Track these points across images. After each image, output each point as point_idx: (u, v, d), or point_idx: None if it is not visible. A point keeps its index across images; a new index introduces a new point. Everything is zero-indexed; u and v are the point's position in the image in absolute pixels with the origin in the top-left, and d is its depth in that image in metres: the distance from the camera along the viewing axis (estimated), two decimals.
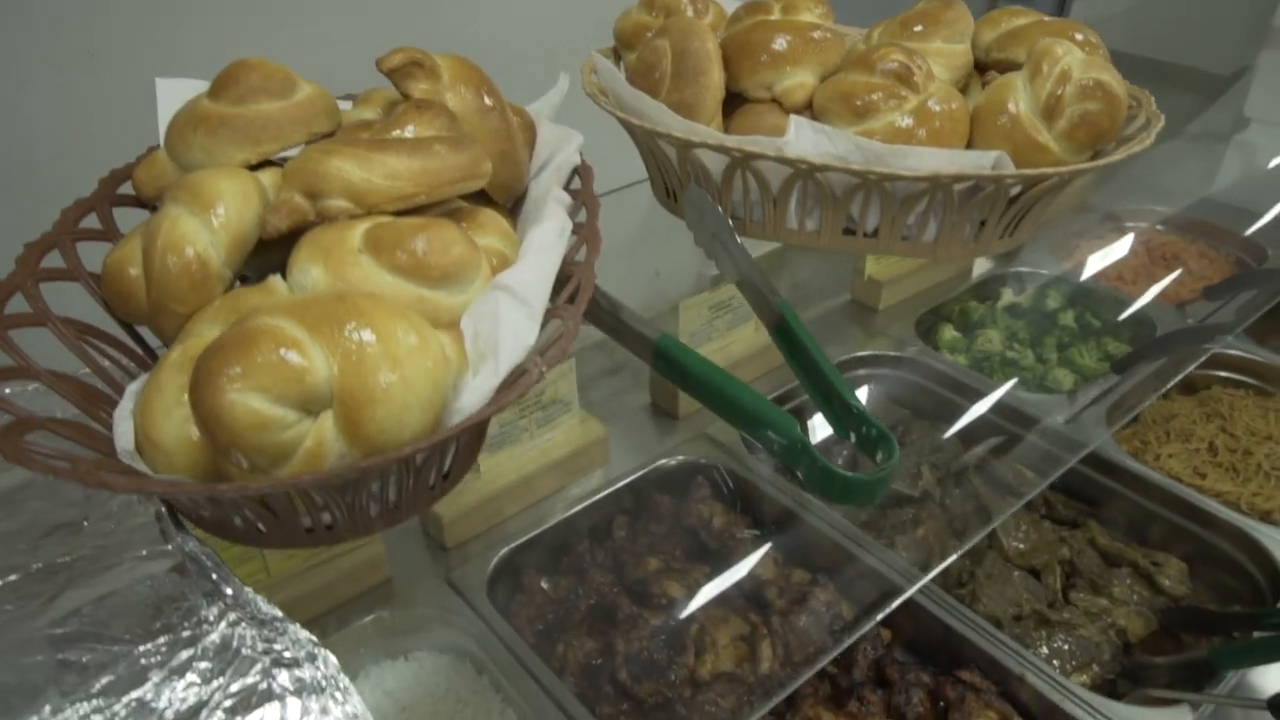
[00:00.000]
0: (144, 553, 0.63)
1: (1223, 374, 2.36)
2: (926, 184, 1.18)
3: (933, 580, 1.75)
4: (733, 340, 2.19)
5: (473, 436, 0.80)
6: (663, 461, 2.00)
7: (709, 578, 1.81)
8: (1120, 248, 2.91)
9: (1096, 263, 2.87)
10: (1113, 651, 1.71)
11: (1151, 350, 2.03)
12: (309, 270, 0.65)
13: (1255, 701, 1.41)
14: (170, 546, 0.64)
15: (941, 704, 1.58)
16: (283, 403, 0.57)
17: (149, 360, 0.80)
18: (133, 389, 0.71)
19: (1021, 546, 1.91)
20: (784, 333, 1.04)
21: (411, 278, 0.66)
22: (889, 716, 1.56)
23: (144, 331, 0.91)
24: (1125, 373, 2.15)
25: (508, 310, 0.66)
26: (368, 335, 0.57)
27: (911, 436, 2.15)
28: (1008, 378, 2.30)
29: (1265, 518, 1.92)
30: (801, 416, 1.00)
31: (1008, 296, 2.60)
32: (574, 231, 0.89)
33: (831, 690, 1.62)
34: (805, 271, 2.79)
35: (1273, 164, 2.99)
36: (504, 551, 1.78)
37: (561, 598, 1.77)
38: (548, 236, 0.76)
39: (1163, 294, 2.71)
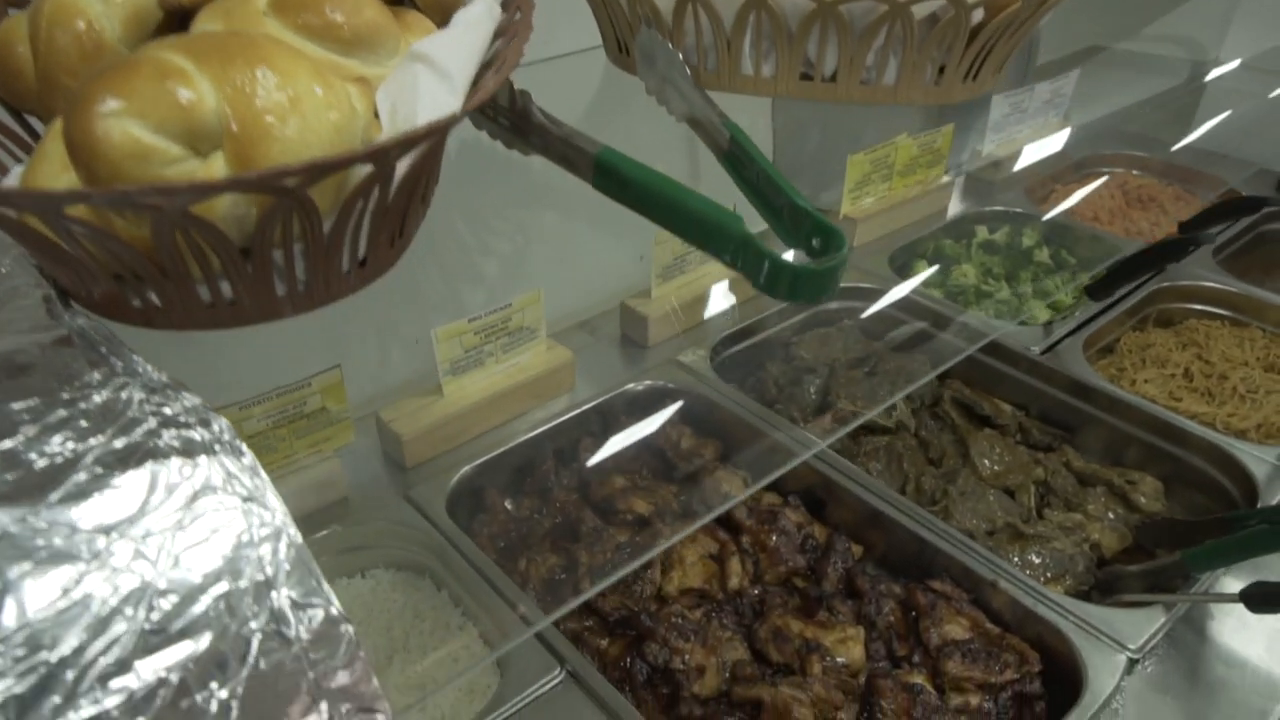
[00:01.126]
0: (27, 326, 0.58)
1: (1198, 307, 2.34)
2: (885, 8, 1.12)
3: (907, 499, 1.72)
4: (708, 270, 2.15)
5: (383, 217, 0.70)
6: (630, 386, 1.96)
7: (677, 498, 1.77)
8: (1096, 189, 2.89)
9: (1072, 204, 2.85)
10: (1086, 565, 1.68)
11: (1133, 266, 1.99)
12: (207, 29, 0.61)
13: (1228, 596, 1.38)
14: (58, 324, 0.59)
15: (913, 614, 1.54)
16: (165, 133, 0.52)
17: (34, 146, 0.75)
18: (17, 170, 0.66)
19: (996, 468, 1.88)
20: (734, 156, 1.00)
21: (320, 40, 0.61)
22: (860, 626, 1.52)
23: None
24: (1105, 294, 2.12)
25: (427, 80, 0.61)
26: (262, 72, 0.52)
27: (885, 367, 2.11)
28: (983, 311, 2.27)
29: (1240, 436, 1.90)
30: None
31: (982, 234, 2.58)
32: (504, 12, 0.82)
33: (801, 603, 1.58)
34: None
35: (1248, 108, 2.98)
36: (466, 470, 1.73)
37: (525, 517, 1.72)
38: (473, 13, 0.71)
39: (1139, 234, 2.69)
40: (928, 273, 2.45)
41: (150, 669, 0.49)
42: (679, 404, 1.96)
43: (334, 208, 0.60)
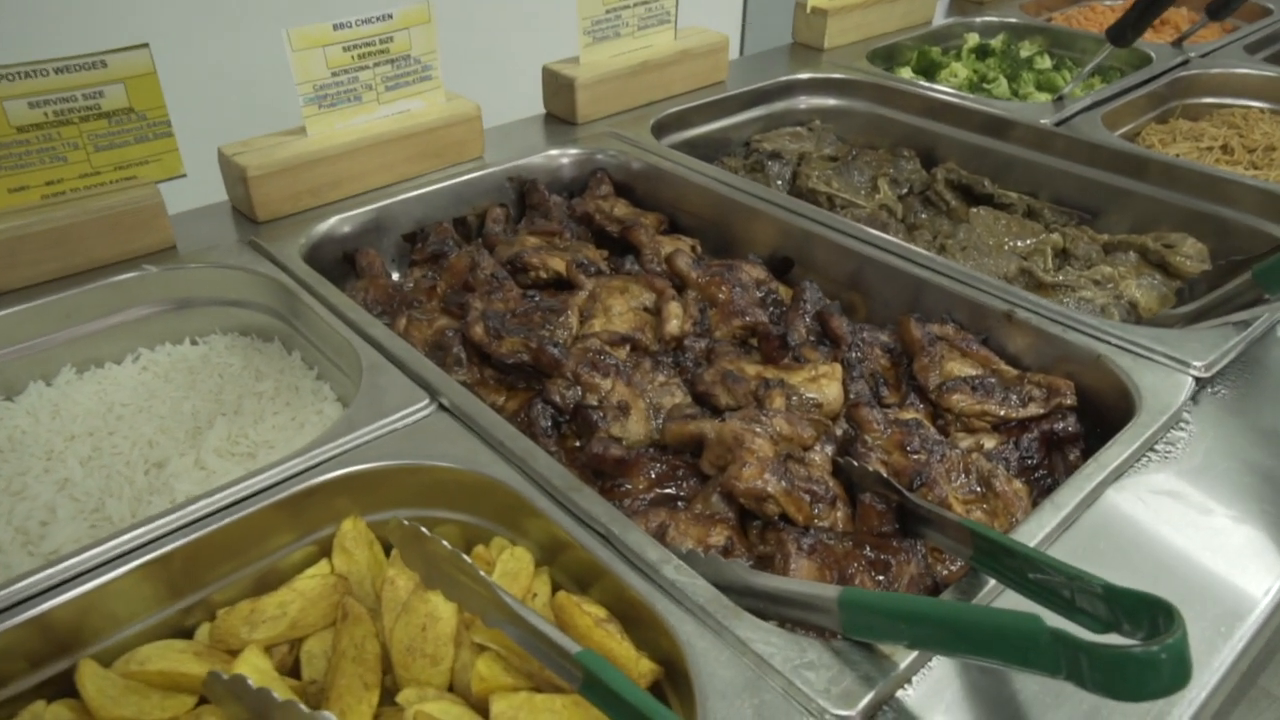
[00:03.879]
0: None
1: (1230, 101, 2.00)
2: None
3: (895, 240, 1.35)
4: (648, 43, 1.80)
5: None
6: (554, 152, 1.60)
7: (608, 260, 1.40)
8: (1102, 9, 2.56)
9: (1077, 17, 2.52)
10: (1123, 319, 1.32)
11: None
12: None
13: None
14: None
15: (906, 361, 1.18)
16: None
17: None
18: None
19: (1004, 238, 1.53)
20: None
21: None
22: (836, 364, 1.16)
23: None
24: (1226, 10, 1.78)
25: None
26: None
27: (861, 162, 1.76)
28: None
29: None
30: None
31: (973, 40, 2.24)
32: None
33: (763, 358, 1.22)
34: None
35: None
36: (334, 222, 1.36)
37: (412, 283, 1.36)
38: None
39: (1155, 37, 2.35)
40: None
41: None
42: (613, 173, 1.60)
43: None
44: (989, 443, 1.06)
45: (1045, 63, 2.15)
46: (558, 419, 1.07)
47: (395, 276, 1.42)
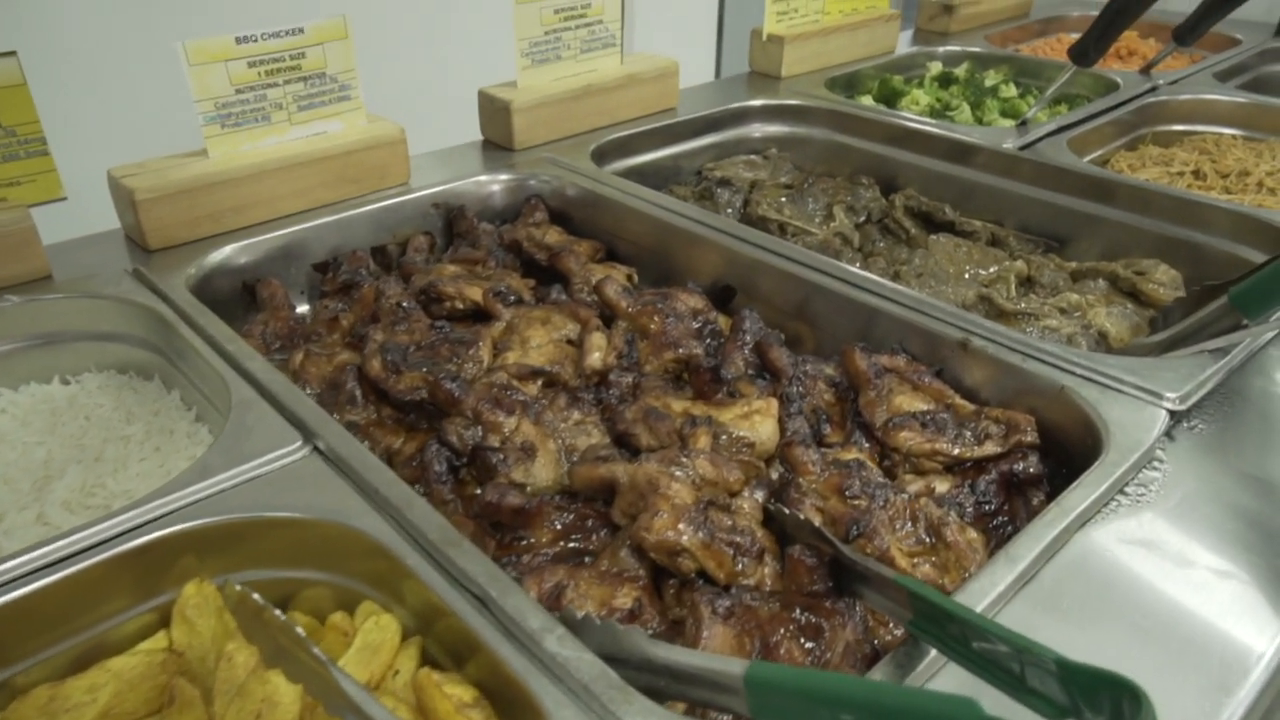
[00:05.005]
0: None
1: (1202, 128, 1.93)
2: None
3: (846, 265, 1.25)
4: (592, 67, 1.72)
5: None
6: (483, 178, 1.50)
7: (533, 290, 1.29)
8: (1070, 40, 2.51)
9: (1043, 48, 2.47)
10: (1091, 349, 1.22)
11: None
12: None
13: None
14: None
15: (852, 396, 1.07)
16: None
17: None
18: None
19: (964, 265, 1.43)
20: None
21: None
22: (773, 400, 1.04)
23: None
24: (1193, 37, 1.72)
25: None
26: None
27: (817, 190, 1.67)
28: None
29: None
30: None
31: (936, 68, 2.17)
32: None
33: (695, 394, 1.10)
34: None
35: None
36: (230, 251, 1.25)
37: (315, 315, 1.24)
38: None
39: (1123, 66, 2.30)
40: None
41: None
42: (548, 200, 1.50)
43: None
44: (941, 486, 0.94)
45: (1010, 90, 2.08)
46: (454, 463, 0.94)
47: (305, 309, 1.31)
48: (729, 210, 1.64)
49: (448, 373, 1.01)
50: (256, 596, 0.66)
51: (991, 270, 1.40)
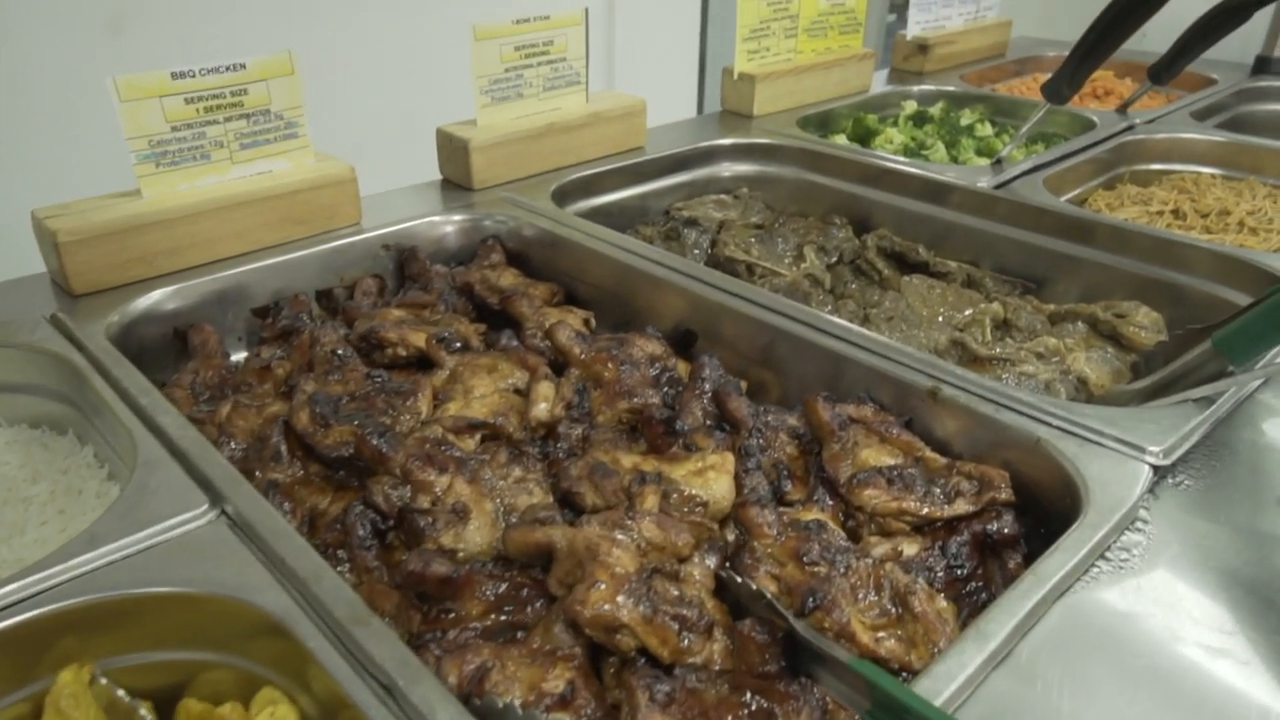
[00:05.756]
0: None
1: (1180, 167, 1.90)
2: None
3: (813, 310, 1.18)
4: (556, 105, 1.67)
5: None
6: (436, 219, 1.44)
7: (483, 336, 1.23)
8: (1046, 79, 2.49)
9: (1019, 88, 2.44)
10: (1070, 399, 1.15)
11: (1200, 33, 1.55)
12: None
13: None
14: None
15: (816, 449, 1.00)
16: None
17: None
18: None
19: (938, 307, 1.37)
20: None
21: None
22: (729, 454, 0.97)
23: None
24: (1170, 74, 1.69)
25: None
26: None
27: (787, 230, 1.61)
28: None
29: None
30: None
31: (911, 107, 2.14)
32: None
33: (649, 448, 1.03)
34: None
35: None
36: (158, 296, 1.18)
37: (246, 363, 1.17)
38: None
39: (1099, 105, 2.28)
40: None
41: None
42: (506, 241, 1.44)
43: None
44: (909, 548, 0.87)
45: (986, 129, 2.05)
46: (380, 526, 0.87)
47: (243, 356, 1.24)
48: (696, 251, 1.59)
49: (380, 426, 0.94)
50: (122, 694, 0.58)
51: (966, 313, 1.34)
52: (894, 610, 0.79)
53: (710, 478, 0.91)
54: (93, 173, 1.39)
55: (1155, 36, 2.66)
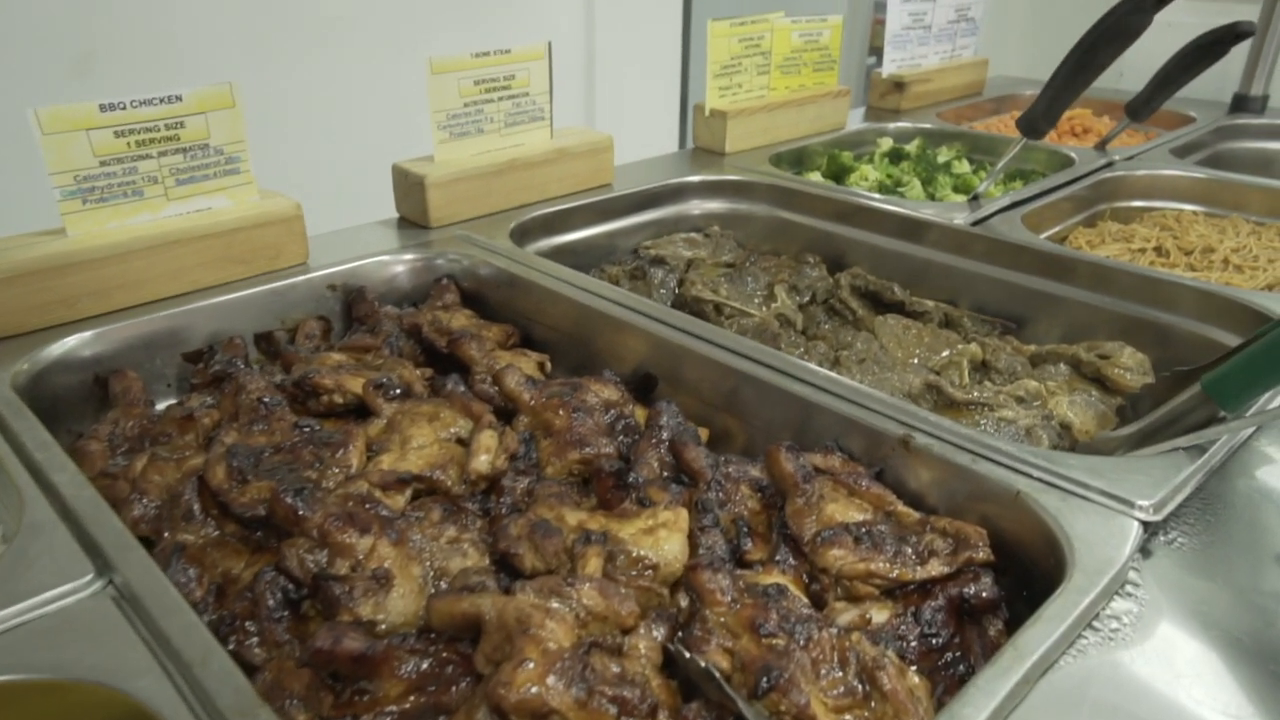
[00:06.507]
0: None
1: (1161, 204, 1.85)
2: None
3: (781, 353, 1.11)
4: (519, 141, 1.61)
5: None
6: (385, 258, 1.37)
7: (429, 382, 1.15)
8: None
9: (996, 125, 2.42)
10: (1054, 444, 1.08)
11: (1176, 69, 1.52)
12: None
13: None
14: None
15: (780, 504, 0.92)
16: None
17: None
18: None
19: (913, 349, 1.30)
20: None
21: None
22: (682, 509, 0.89)
23: None
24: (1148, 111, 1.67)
25: None
26: None
27: (758, 269, 1.55)
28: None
29: None
30: None
31: (886, 144, 2.10)
32: None
33: (599, 502, 0.95)
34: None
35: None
36: (73, 343, 1.10)
37: (167, 412, 1.08)
38: None
39: (1078, 142, 2.24)
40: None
41: None
42: (461, 281, 1.38)
43: None
44: (879, 615, 0.79)
45: (964, 166, 2.01)
46: (294, 595, 0.78)
47: (172, 401, 1.15)
48: (662, 291, 1.52)
49: (300, 482, 0.86)
50: None
51: (943, 354, 1.27)
52: (860, 688, 0.71)
53: (661, 536, 0.83)
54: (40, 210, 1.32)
55: (1131, 76, 2.65)
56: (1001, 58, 2.85)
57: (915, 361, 1.23)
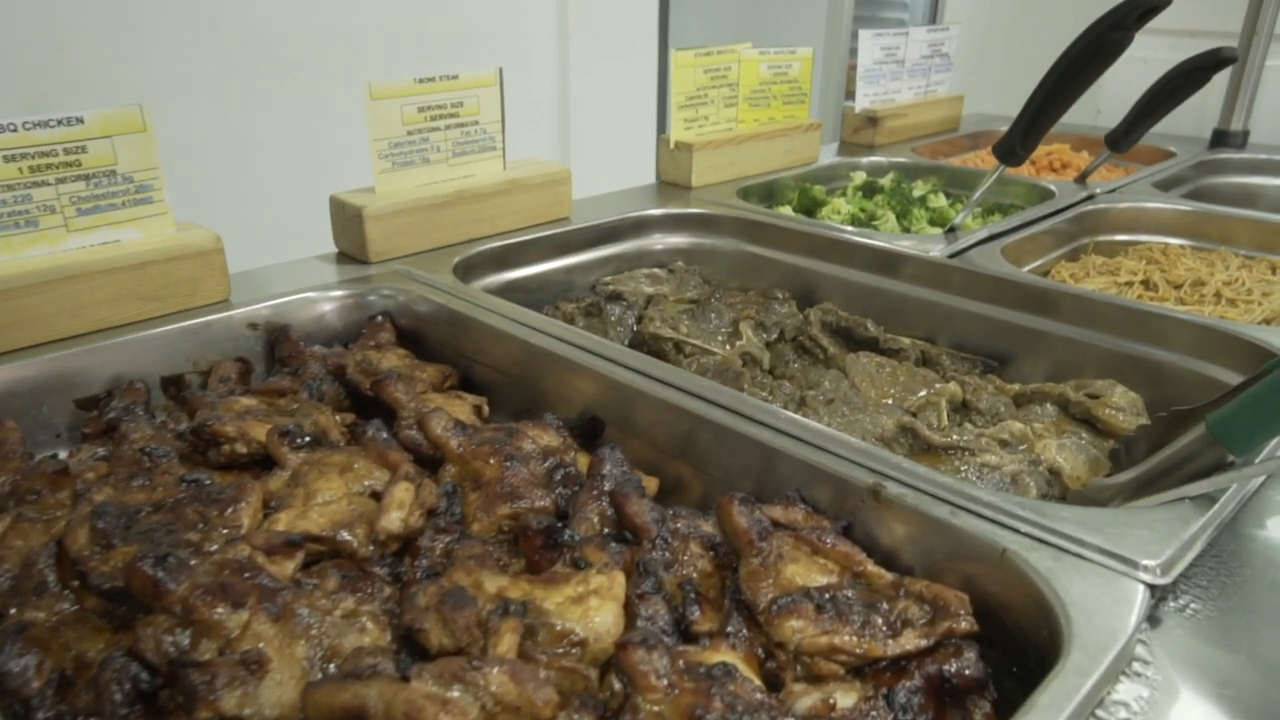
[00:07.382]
0: None
1: (1146, 238, 1.78)
2: None
3: (742, 395, 1.01)
4: (469, 172, 1.52)
5: None
6: (312, 294, 1.26)
7: (348, 428, 1.04)
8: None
9: (973, 160, 2.35)
10: (1042, 492, 0.97)
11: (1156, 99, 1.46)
12: None
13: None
14: None
15: (735, 564, 0.80)
16: None
17: None
18: None
19: (887, 388, 1.20)
20: None
21: None
22: (620, 573, 0.77)
23: None
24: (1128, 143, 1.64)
25: None
26: None
27: (723, 305, 1.45)
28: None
29: None
30: None
31: (859, 177, 2.02)
32: None
33: (528, 564, 0.83)
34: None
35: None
36: None
37: (36, 467, 0.96)
38: None
39: (1057, 177, 2.18)
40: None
41: None
42: (397, 318, 1.27)
43: None
44: (845, 698, 0.67)
45: (940, 200, 1.93)
46: (148, 685, 0.66)
47: (63, 455, 1.03)
48: (620, 328, 1.42)
49: (169, 547, 0.73)
50: None
51: (920, 394, 1.17)
52: None
53: (592, 606, 0.71)
54: None
55: (1109, 112, 2.61)
56: (977, 95, 2.81)
57: (889, 402, 1.13)
